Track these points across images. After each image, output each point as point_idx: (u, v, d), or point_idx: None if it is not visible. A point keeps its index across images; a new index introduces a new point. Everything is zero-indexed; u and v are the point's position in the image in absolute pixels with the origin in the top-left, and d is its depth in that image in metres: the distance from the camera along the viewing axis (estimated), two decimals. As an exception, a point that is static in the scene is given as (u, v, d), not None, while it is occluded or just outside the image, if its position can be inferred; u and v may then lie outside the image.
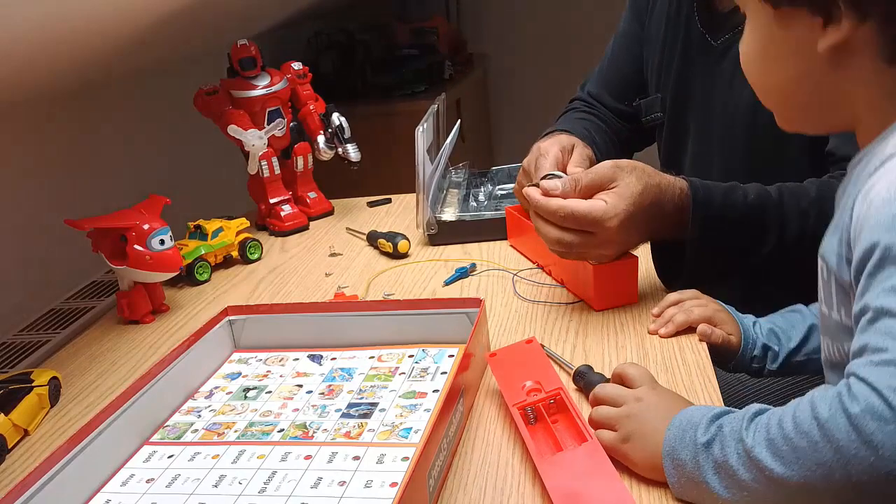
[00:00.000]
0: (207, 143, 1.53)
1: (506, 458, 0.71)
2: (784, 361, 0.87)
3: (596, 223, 0.88)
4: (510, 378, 0.77)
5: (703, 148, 1.16)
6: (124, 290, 1.09)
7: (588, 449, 0.67)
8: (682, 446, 0.62)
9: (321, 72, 2.30)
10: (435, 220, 1.21)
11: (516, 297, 1.03)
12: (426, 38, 2.92)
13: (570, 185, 0.90)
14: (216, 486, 0.71)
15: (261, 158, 1.35)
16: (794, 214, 0.93)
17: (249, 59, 1.33)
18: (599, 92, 1.35)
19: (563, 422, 0.72)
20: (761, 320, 0.90)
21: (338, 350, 0.92)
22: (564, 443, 0.69)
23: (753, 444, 0.57)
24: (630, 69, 1.30)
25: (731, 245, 0.93)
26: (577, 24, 3.33)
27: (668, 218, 0.91)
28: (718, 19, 1.12)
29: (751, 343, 0.88)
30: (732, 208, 0.92)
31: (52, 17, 1.01)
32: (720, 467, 0.59)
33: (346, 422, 0.78)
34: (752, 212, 0.92)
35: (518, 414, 0.72)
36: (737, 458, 0.58)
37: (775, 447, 0.55)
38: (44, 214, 1.34)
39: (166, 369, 0.84)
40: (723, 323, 0.88)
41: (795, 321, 0.89)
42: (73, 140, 1.47)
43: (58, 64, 1.22)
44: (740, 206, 0.92)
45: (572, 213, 0.88)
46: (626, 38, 1.32)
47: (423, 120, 1.22)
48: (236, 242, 1.26)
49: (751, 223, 0.93)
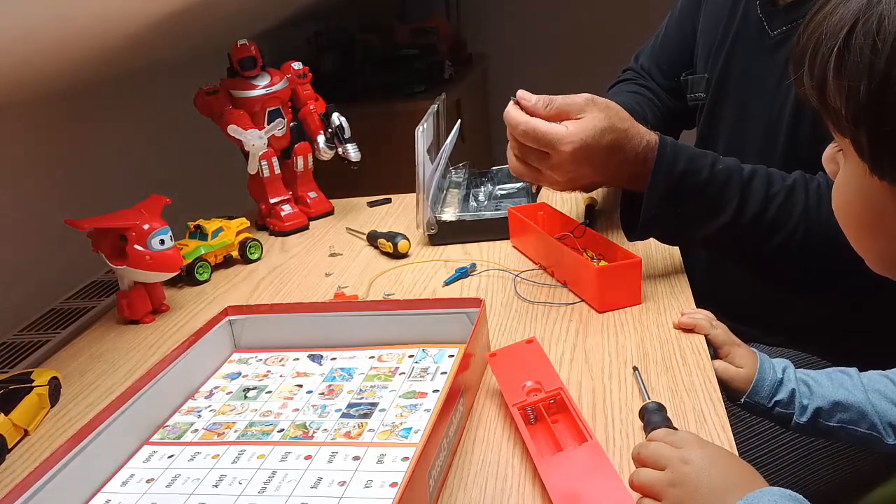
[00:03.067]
0: (207, 143, 1.53)
1: (506, 458, 0.71)
2: (813, 416, 0.81)
3: (551, 145, 0.90)
4: (510, 378, 0.77)
5: (736, 143, 1.13)
6: (124, 290, 1.09)
7: (588, 449, 0.67)
8: None
9: (321, 72, 2.30)
10: (435, 220, 1.21)
11: (517, 298, 1.02)
12: (426, 38, 2.92)
13: (542, 102, 0.92)
14: (216, 486, 0.71)
15: (261, 158, 1.34)
16: (758, 196, 0.92)
17: (249, 59, 1.33)
18: (650, 66, 1.35)
19: (563, 422, 0.72)
20: (799, 371, 0.85)
21: (338, 350, 0.92)
22: (564, 443, 0.69)
23: None
24: (682, 47, 1.29)
25: (685, 209, 0.93)
26: (577, 24, 3.33)
27: (627, 164, 0.92)
28: (779, 9, 1.07)
29: (768, 381, 0.83)
30: (695, 173, 0.92)
31: (52, 16, 1.00)
32: None
33: (346, 422, 0.78)
34: (713, 182, 0.92)
35: (518, 414, 0.72)
36: None
37: None
38: (44, 214, 1.33)
39: (166, 369, 0.84)
40: (736, 356, 0.85)
41: (841, 381, 0.82)
42: (73, 140, 1.47)
43: (58, 64, 1.22)
44: (704, 173, 0.92)
45: (533, 129, 0.91)
46: (682, 14, 1.30)
47: (423, 120, 1.22)
48: (236, 242, 1.26)
49: (710, 192, 0.92)
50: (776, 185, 0.94)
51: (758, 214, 0.92)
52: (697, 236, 0.97)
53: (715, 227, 0.93)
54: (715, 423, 0.72)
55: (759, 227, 0.93)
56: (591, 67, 3.13)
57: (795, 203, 0.93)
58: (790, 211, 0.93)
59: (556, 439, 0.69)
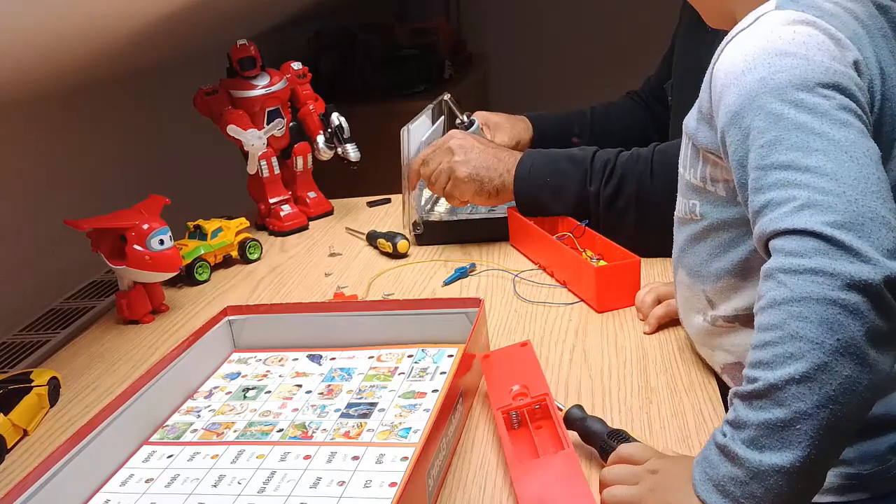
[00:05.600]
0: (207, 143, 1.53)
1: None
2: None
3: (438, 144, 1.19)
4: (499, 381, 0.77)
5: None
6: (124, 290, 1.09)
7: (562, 457, 0.66)
8: (714, 469, 0.56)
9: (321, 72, 2.30)
10: (421, 221, 1.22)
11: (516, 298, 1.03)
12: (426, 38, 2.92)
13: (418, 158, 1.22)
14: (215, 485, 0.71)
15: (260, 158, 1.35)
16: (633, 176, 1.05)
17: (249, 59, 1.33)
18: (654, 77, 1.41)
19: (546, 428, 0.72)
20: None
21: (337, 350, 0.92)
22: (543, 449, 0.69)
23: (756, 385, 0.53)
24: (668, 59, 1.32)
25: (543, 192, 1.12)
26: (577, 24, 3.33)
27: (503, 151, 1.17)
28: None
29: None
30: (549, 159, 1.12)
31: (52, 17, 1.00)
32: (762, 435, 0.53)
33: (346, 422, 0.78)
34: (562, 164, 1.11)
35: (501, 418, 0.72)
36: (761, 409, 0.53)
37: (771, 362, 0.53)
38: (44, 214, 1.33)
39: (166, 369, 0.84)
40: None
41: None
42: (73, 140, 1.47)
43: (58, 64, 1.22)
44: (556, 157, 1.12)
45: (426, 154, 1.20)
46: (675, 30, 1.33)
47: (411, 121, 1.23)
48: (236, 242, 1.26)
49: (568, 163, 1.10)
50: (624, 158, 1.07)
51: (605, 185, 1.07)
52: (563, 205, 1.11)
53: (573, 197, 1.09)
54: (715, 422, 0.72)
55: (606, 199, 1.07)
56: (591, 67, 3.13)
57: (633, 172, 1.06)
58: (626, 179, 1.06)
59: (535, 446, 0.69)
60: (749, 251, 0.70)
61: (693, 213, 0.75)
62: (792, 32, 0.63)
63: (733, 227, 0.71)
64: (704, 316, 0.77)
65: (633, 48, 1.43)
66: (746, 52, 0.64)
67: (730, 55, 0.65)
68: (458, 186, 1.15)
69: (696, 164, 0.73)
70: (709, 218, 0.73)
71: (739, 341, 0.74)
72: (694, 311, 0.78)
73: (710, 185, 0.72)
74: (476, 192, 1.15)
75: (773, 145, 0.59)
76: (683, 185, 0.77)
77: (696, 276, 0.76)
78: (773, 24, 0.65)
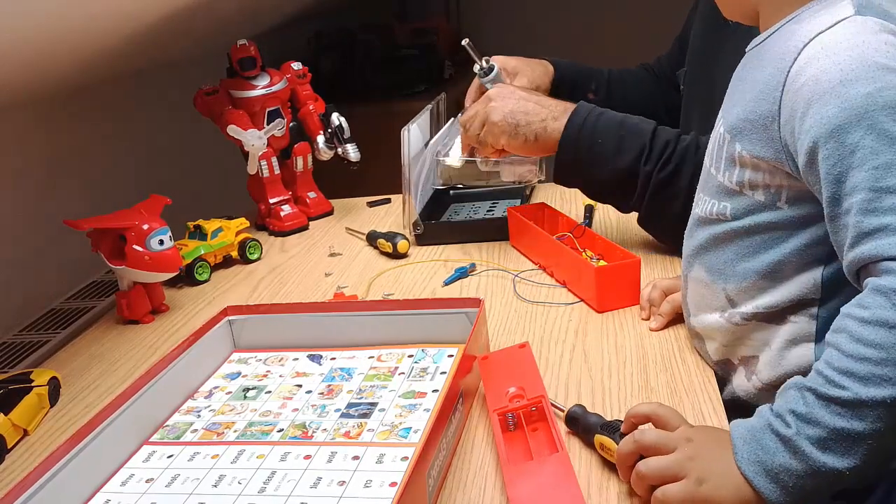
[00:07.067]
0: (207, 143, 1.53)
1: (505, 458, 0.71)
2: None
3: (487, 96, 1.11)
4: (496, 383, 0.77)
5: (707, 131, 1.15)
6: (124, 290, 1.09)
7: (555, 460, 0.66)
8: (769, 455, 0.58)
9: (321, 72, 2.30)
10: (421, 221, 1.22)
11: (516, 298, 1.03)
12: (426, 38, 2.92)
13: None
14: (216, 485, 0.71)
15: (260, 158, 1.35)
16: (689, 168, 0.99)
17: (249, 59, 1.33)
18: (665, 58, 1.39)
19: (542, 430, 0.72)
20: None
21: (337, 350, 0.92)
22: (537, 451, 0.69)
23: (843, 392, 0.55)
24: (683, 45, 1.31)
25: (592, 152, 1.04)
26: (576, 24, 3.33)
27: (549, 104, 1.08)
28: None
29: None
30: (608, 120, 1.04)
31: (52, 16, 1.00)
32: (832, 439, 0.56)
33: (346, 422, 0.78)
34: (621, 130, 1.03)
35: (496, 420, 0.72)
36: (839, 416, 0.55)
37: (866, 378, 0.55)
38: (43, 215, 1.33)
39: (166, 369, 0.84)
40: None
41: None
42: (73, 140, 1.47)
43: (58, 64, 1.22)
44: (615, 121, 1.04)
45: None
46: (689, 14, 1.32)
47: (412, 121, 1.23)
48: (236, 242, 1.26)
49: (628, 131, 1.03)
50: (674, 143, 1.01)
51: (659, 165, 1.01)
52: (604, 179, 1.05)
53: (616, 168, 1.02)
54: (714, 423, 0.72)
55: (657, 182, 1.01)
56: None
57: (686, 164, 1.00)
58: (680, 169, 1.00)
59: (530, 448, 0.69)
60: (783, 255, 0.70)
61: (722, 215, 0.74)
62: (884, 45, 0.62)
63: (767, 231, 0.71)
64: (722, 313, 0.77)
65: (632, 47, 1.43)
66: (841, 61, 0.62)
67: (819, 62, 0.63)
68: (492, 131, 1.08)
69: (732, 169, 0.73)
70: (740, 220, 0.73)
71: (756, 336, 0.75)
72: (709, 309, 0.79)
73: (747, 190, 0.72)
74: (510, 135, 1.07)
75: (890, 168, 0.58)
76: (713, 186, 0.76)
77: (717, 275, 0.76)
78: (862, 33, 0.63)
